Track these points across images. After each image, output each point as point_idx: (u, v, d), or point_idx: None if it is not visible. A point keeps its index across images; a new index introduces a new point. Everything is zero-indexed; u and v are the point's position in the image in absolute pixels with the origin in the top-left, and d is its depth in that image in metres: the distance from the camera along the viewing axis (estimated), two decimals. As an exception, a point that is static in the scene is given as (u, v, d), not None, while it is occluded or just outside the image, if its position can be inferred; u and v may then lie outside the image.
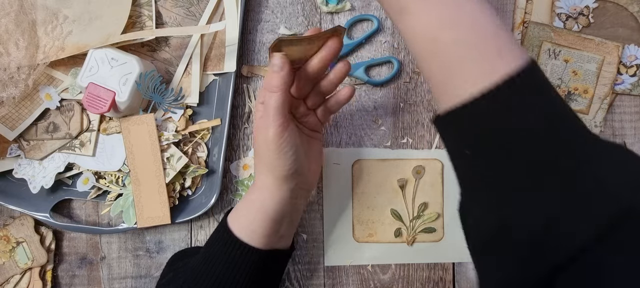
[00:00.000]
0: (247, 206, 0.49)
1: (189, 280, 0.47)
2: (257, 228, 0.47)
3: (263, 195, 0.47)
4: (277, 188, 0.47)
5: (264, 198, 0.47)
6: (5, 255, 0.57)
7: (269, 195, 0.47)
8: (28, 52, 0.53)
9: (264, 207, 0.47)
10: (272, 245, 0.49)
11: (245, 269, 0.47)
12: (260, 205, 0.47)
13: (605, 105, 0.59)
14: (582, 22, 0.60)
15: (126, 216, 0.56)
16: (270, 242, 0.48)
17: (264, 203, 0.47)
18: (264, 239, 0.47)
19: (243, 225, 0.48)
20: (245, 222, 0.48)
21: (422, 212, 0.59)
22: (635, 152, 0.34)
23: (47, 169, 0.56)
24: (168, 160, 0.56)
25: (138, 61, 0.53)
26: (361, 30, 0.61)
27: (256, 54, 0.60)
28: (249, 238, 0.47)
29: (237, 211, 0.49)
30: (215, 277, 0.46)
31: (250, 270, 0.47)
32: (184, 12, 0.59)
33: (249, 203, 0.48)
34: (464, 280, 0.60)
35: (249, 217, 0.48)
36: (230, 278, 0.46)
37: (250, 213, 0.48)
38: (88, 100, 0.52)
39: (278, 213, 0.48)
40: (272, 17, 0.60)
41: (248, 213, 0.48)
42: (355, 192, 0.59)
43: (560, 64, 0.59)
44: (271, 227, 0.48)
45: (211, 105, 0.59)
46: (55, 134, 0.56)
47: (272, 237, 0.48)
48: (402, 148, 0.60)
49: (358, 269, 0.59)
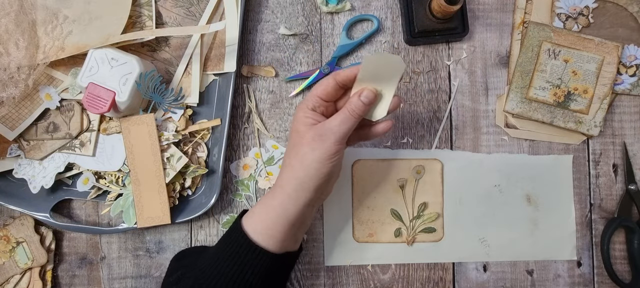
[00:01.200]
0: (267, 211, 0.48)
1: (200, 279, 0.47)
2: (277, 233, 0.47)
3: (287, 203, 0.47)
4: (303, 199, 0.47)
5: (288, 206, 0.47)
6: (5, 255, 0.57)
7: (293, 204, 0.47)
8: (28, 52, 0.53)
9: (286, 214, 0.47)
10: (286, 248, 0.49)
11: (258, 271, 0.47)
12: (283, 212, 0.47)
13: (605, 105, 0.59)
14: (582, 22, 0.60)
15: (126, 216, 0.56)
16: (285, 245, 0.49)
17: (287, 210, 0.47)
18: (281, 243, 0.48)
19: (261, 229, 0.47)
20: (263, 226, 0.47)
21: (422, 212, 0.59)
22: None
23: (47, 169, 0.56)
24: (168, 160, 0.56)
25: (138, 61, 0.53)
26: (361, 30, 0.61)
27: (256, 54, 0.60)
28: (266, 242, 0.47)
29: (254, 215, 0.49)
30: (227, 277, 0.46)
31: (263, 272, 0.47)
32: (184, 12, 0.59)
33: (270, 209, 0.48)
34: (464, 280, 0.60)
35: (268, 222, 0.47)
36: (243, 280, 0.46)
37: (270, 219, 0.47)
38: (88, 100, 0.52)
39: (299, 220, 0.48)
40: (272, 17, 0.61)
41: (267, 218, 0.48)
42: (355, 192, 0.59)
43: (560, 64, 0.59)
44: (290, 232, 0.48)
45: (211, 105, 0.59)
46: (55, 133, 0.56)
47: (288, 241, 0.49)
48: (402, 148, 0.60)
49: (358, 269, 0.60)
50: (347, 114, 0.47)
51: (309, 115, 0.48)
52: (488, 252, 0.59)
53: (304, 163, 0.46)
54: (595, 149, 0.60)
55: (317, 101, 0.48)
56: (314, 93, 0.49)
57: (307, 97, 0.49)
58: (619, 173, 0.60)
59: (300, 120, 0.48)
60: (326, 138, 0.46)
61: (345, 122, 0.46)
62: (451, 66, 0.61)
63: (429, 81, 0.61)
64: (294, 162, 0.47)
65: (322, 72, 0.59)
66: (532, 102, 0.59)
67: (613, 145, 0.60)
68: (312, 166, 0.46)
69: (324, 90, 0.48)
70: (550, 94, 0.59)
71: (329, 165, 0.47)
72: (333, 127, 0.46)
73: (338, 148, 0.46)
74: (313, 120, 0.47)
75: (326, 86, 0.48)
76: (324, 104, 0.49)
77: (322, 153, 0.46)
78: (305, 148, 0.46)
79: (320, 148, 0.46)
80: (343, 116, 0.47)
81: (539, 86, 0.59)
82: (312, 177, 0.46)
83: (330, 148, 0.46)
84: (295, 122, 0.48)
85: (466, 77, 0.61)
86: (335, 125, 0.46)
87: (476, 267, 0.60)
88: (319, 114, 0.48)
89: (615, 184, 0.60)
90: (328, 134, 0.46)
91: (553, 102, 0.59)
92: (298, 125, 0.48)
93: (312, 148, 0.46)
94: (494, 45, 0.61)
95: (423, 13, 0.59)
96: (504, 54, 0.61)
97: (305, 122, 0.47)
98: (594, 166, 0.60)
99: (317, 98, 0.48)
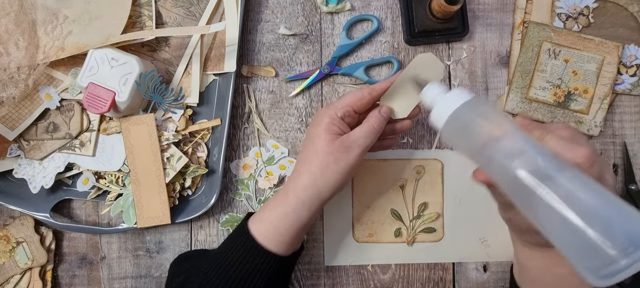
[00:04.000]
0: (279, 217, 0.47)
1: (205, 283, 0.47)
2: (289, 238, 0.47)
3: (301, 210, 0.47)
4: (317, 206, 0.47)
5: (302, 213, 0.47)
6: (5, 255, 0.57)
7: (307, 211, 0.47)
8: (28, 52, 0.53)
9: (299, 221, 0.47)
10: (292, 250, 0.49)
11: (265, 275, 0.47)
12: (297, 219, 0.47)
13: (605, 105, 0.59)
14: (582, 22, 0.60)
15: (126, 216, 0.56)
16: (291, 248, 0.49)
17: (301, 218, 0.47)
18: (289, 247, 0.48)
19: (273, 235, 0.47)
20: (276, 232, 0.47)
21: (422, 212, 0.59)
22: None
23: (47, 169, 0.56)
24: (168, 160, 0.56)
25: (138, 61, 0.53)
26: (361, 30, 0.61)
27: (256, 54, 0.60)
28: (276, 247, 0.47)
29: (263, 221, 0.48)
30: (235, 281, 0.46)
31: (270, 275, 0.47)
32: (184, 12, 0.59)
33: (283, 216, 0.47)
34: (464, 280, 0.60)
35: (281, 229, 0.47)
36: (249, 283, 0.46)
37: (284, 226, 0.47)
38: (88, 100, 0.52)
39: (309, 225, 0.49)
40: (272, 17, 0.60)
41: (280, 224, 0.47)
42: (355, 192, 0.59)
43: (560, 64, 0.59)
44: (300, 236, 0.49)
45: (211, 105, 0.59)
46: (55, 133, 0.56)
47: (295, 244, 0.49)
48: (402, 148, 0.60)
49: (358, 269, 0.59)
50: (371, 127, 0.47)
51: (336, 124, 0.47)
52: (488, 252, 0.59)
53: (326, 174, 0.46)
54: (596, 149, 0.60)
55: (348, 111, 0.48)
56: (346, 102, 0.48)
57: (336, 105, 0.48)
58: (619, 173, 0.60)
59: (325, 126, 0.47)
60: (351, 150, 0.46)
61: (369, 135, 0.47)
62: (451, 66, 0.61)
63: (429, 81, 0.61)
64: (315, 170, 0.46)
65: (322, 72, 0.59)
66: (532, 102, 0.59)
67: (613, 145, 0.60)
68: (333, 177, 0.46)
69: (359, 102, 0.48)
70: (551, 94, 0.59)
71: (348, 177, 0.47)
72: (359, 140, 0.46)
73: (360, 160, 0.47)
74: (339, 129, 0.47)
75: (361, 98, 0.48)
76: (354, 114, 0.49)
77: (346, 164, 0.46)
78: (330, 157, 0.46)
79: (345, 160, 0.46)
80: (367, 129, 0.47)
81: (539, 86, 0.59)
82: (330, 188, 0.46)
83: (353, 160, 0.46)
84: (318, 128, 0.47)
85: (466, 77, 0.61)
86: (360, 137, 0.46)
87: (476, 267, 0.60)
88: (346, 124, 0.48)
89: (615, 184, 0.60)
90: (354, 146, 0.46)
91: (553, 102, 0.59)
92: (321, 132, 0.47)
93: (336, 159, 0.46)
94: (494, 45, 0.61)
95: (423, 13, 0.59)
96: (504, 54, 0.61)
97: (331, 130, 0.47)
98: (594, 166, 0.60)
99: (349, 108, 0.48)
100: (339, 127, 0.47)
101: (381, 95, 0.50)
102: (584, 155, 0.35)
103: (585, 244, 0.31)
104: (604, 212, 0.32)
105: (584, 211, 0.32)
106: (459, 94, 0.41)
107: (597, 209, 0.32)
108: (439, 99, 0.43)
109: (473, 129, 0.39)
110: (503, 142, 0.37)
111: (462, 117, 0.40)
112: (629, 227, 0.30)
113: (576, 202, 0.32)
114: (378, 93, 0.49)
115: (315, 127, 0.48)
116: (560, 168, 0.34)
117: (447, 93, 0.42)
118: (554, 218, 0.33)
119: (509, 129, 0.38)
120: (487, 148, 0.38)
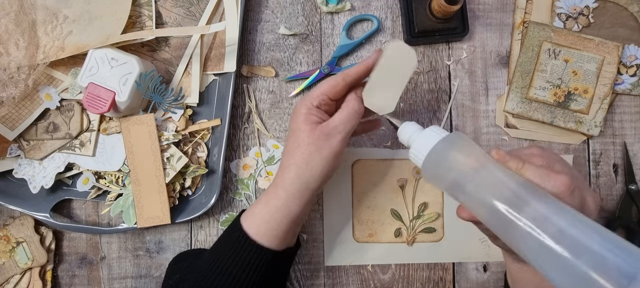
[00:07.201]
0: (270, 212, 0.47)
1: (200, 281, 0.47)
2: (281, 233, 0.47)
3: (291, 203, 0.47)
4: (306, 198, 0.47)
5: (292, 207, 0.47)
6: (5, 255, 0.57)
7: (296, 204, 0.47)
8: (28, 52, 0.53)
9: (290, 215, 0.47)
10: (285, 245, 0.49)
11: (260, 270, 0.47)
12: (287, 212, 0.47)
13: (605, 105, 0.59)
14: (582, 22, 0.60)
15: (126, 216, 0.56)
16: (285, 243, 0.49)
17: (291, 211, 0.47)
18: (282, 241, 0.48)
19: (264, 230, 0.47)
20: (267, 227, 0.47)
21: (422, 212, 0.59)
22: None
23: (47, 169, 0.56)
24: (168, 160, 0.56)
25: (138, 61, 0.53)
26: (361, 30, 0.61)
27: (256, 54, 0.60)
28: (269, 242, 0.47)
29: (255, 216, 0.48)
30: (229, 277, 0.46)
31: (264, 271, 0.47)
32: (184, 12, 0.59)
33: (273, 210, 0.47)
34: (464, 280, 0.60)
35: (272, 224, 0.47)
36: (244, 279, 0.46)
37: (274, 220, 0.47)
38: (88, 100, 0.52)
39: (302, 218, 0.49)
40: (272, 17, 0.60)
41: (271, 219, 0.47)
42: (355, 192, 0.59)
43: (560, 64, 0.59)
44: (292, 230, 0.48)
45: (211, 105, 0.59)
46: (55, 134, 0.56)
47: (289, 239, 0.49)
48: (402, 148, 0.60)
49: (358, 269, 0.59)
50: (350, 110, 0.46)
51: (314, 113, 0.47)
52: (488, 252, 0.59)
53: (310, 164, 0.46)
54: (596, 149, 0.60)
55: (323, 99, 0.47)
56: (321, 90, 0.47)
57: (312, 94, 0.48)
58: (619, 174, 0.60)
59: (303, 117, 0.47)
60: (332, 137, 0.46)
61: (350, 119, 0.46)
62: (451, 66, 0.61)
63: (429, 81, 0.61)
64: (299, 162, 0.46)
65: (322, 72, 0.59)
66: (532, 102, 0.59)
67: (613, 145, 0.60)
68: (318, 167, 0.46)
69: (333, 89, 0.47)
70: (551, 94, 0.59)
71: (334, 163, 0.47)
72: (339, 126, 0.46)
73: (343, 146, 0.46)
74: (317, 118, 0.47)
75: (335, 85, 0.47)
76: (330, 102, 0.48)
77: (329, 152, 0.46)
78: (311, 147, 0.46)
79: (328, 147, 0.45)
80: (347, 114, 0.46)
81: (539, 86, 0.59)
82: (317, 177, 0.46)
83: (336, 147, 0.46)
84: (297, 120, 0.47)
85: (466, 77, 0.61)
86: (340, 123, 0.46)
87: (476, 267, 0.60)
88: (324, 112, 0.48)
89: (615, 184, 0.60)
90: (334, 133, 0.46)
91: (553, 102, 0.59)
92: (300, 124, 0.47)
93: (318, 148, 0.45)
94: (494, 45, 0.61)
95: (423, 13, 0.59)
96: (504, 54, 0.61)
97: (309, 120, 0.46)
98: (594, 166, 0.60)
99: (324, 96, 0.47)
100: (317, 116, 0.47)
101: (355, 80, 0.48)
102: (564, 184, 0.35)
103: (575, 277, 0.31)
104: (590, 245, 0.31)
105: (570, 245, 0.31)
106: (435, 131, 0.41)
107: (581, 242, 0.31)
108: (415, 137, 0.43)
109: (450, 165, 0.39)
110: (480, 177, 0.37)
111: (440, 154, 0.40)
112: (618, 260, 0.30)
113: (561, 236, 0.32)
114: (352, 78, 0.48)
115: (294, 120, 0.48)
116: (539, 200, 0.34)
117: (422, 131, 0.43)
118: (542, 253, 0.32)
119: (486, 163, 0.38)
120: (465, 184, 0.38)
